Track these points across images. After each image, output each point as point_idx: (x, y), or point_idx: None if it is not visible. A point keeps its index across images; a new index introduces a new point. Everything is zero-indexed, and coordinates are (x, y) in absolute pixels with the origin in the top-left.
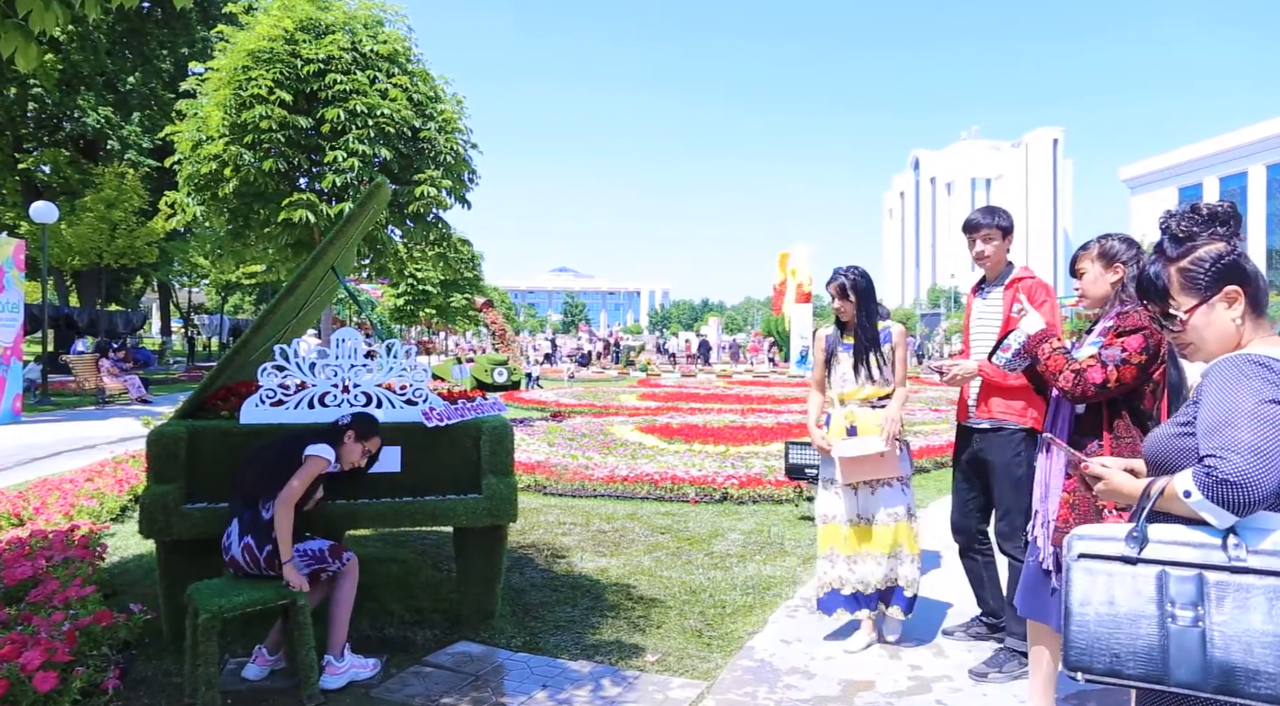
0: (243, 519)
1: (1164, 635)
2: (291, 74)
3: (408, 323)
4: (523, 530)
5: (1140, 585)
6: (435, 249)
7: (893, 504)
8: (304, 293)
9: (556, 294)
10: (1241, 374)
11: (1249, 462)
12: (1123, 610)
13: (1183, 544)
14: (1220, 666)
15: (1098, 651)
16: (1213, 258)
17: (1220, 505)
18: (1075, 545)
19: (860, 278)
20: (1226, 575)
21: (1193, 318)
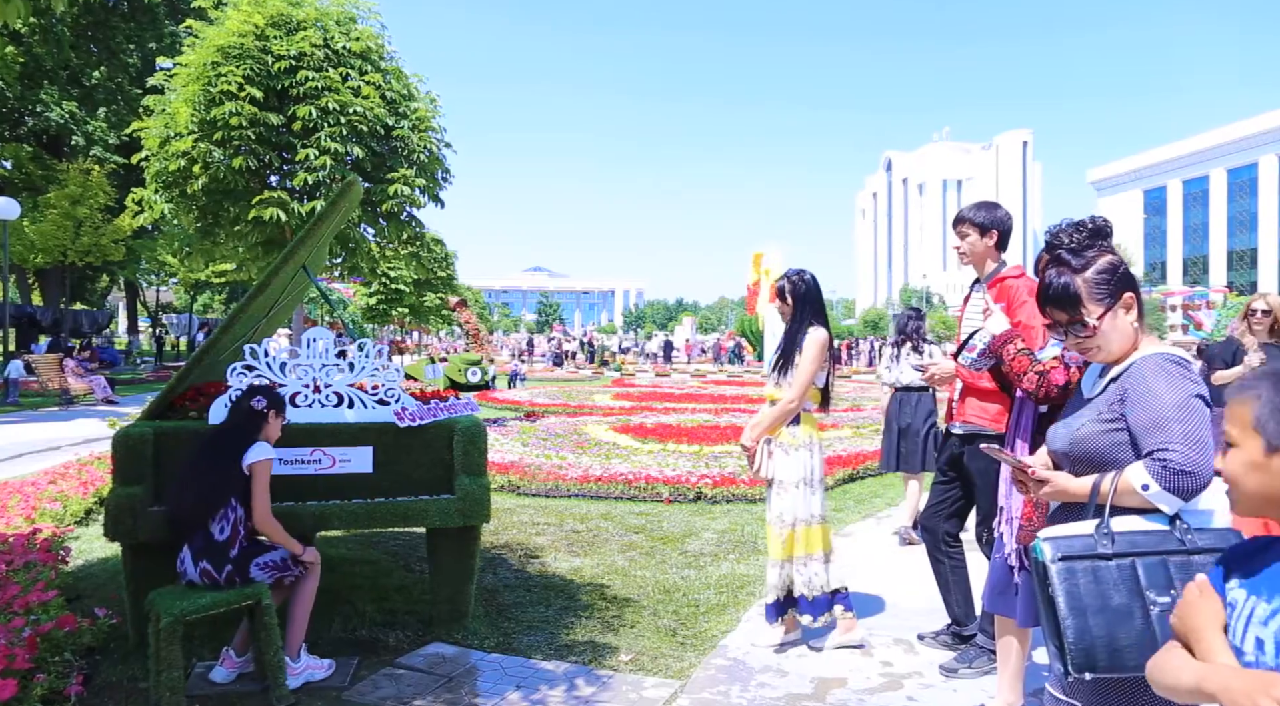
0: (194, 545)
1: (1149, 623)
2: (262, 70)
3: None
4: (496, 530)
5: (1121, 578)
6: (408, 248)
7: (772, 508)
8: (275, 291)
9: (531, 293)
10: (1165, 373)
11: (1195, 451)
12: (1114, 605)
13: (1144, 533)
14: None
15: (1099, 649)
16: (1113, 268)
17: (1175, 493)
18: (1049, 548)
19: (801, 283)
20: (1183, 557)
21: (1103, 323)
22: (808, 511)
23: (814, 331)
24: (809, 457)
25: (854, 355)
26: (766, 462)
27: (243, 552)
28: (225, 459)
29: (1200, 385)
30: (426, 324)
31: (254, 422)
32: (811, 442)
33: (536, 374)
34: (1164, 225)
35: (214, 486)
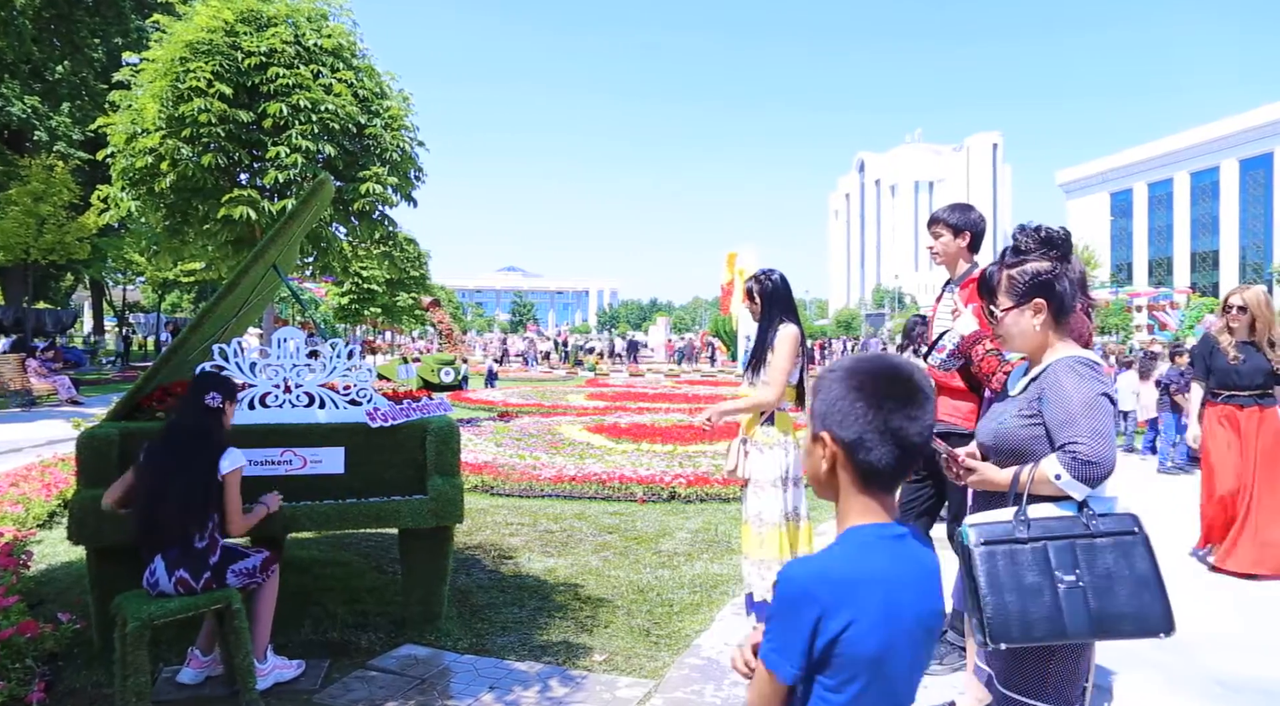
0: (169, 556)
1: (1056, 598)
2: (232, 67)
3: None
4: (469, 531)
5: (1033, 560)
6: (381, 247)
7: (750, 508)
8: (244, 291)
9: (505, 293)
10: (1075, 373)
11: (1098, 444)
12: (1027, 584)
13: (1056, 519)
14: (1099, 614)
15: (1013, 623)
16: (1031, 273)
17: (1083, 481)
18: (974, 534)
19: (769, 282)
20: (1088, 540)
21: (1006, 317)
22: (787, 509)
23: (785, 328)
24: (784, 456)
25: (827, 354)
26: (742, 462)
27: (222, 559)
28: (200, 469)
29: (1107, 384)
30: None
31: (216, 420)
32: (786, 441)
33: (510, 374)
34: (1130, 227)
35: (197, 501)
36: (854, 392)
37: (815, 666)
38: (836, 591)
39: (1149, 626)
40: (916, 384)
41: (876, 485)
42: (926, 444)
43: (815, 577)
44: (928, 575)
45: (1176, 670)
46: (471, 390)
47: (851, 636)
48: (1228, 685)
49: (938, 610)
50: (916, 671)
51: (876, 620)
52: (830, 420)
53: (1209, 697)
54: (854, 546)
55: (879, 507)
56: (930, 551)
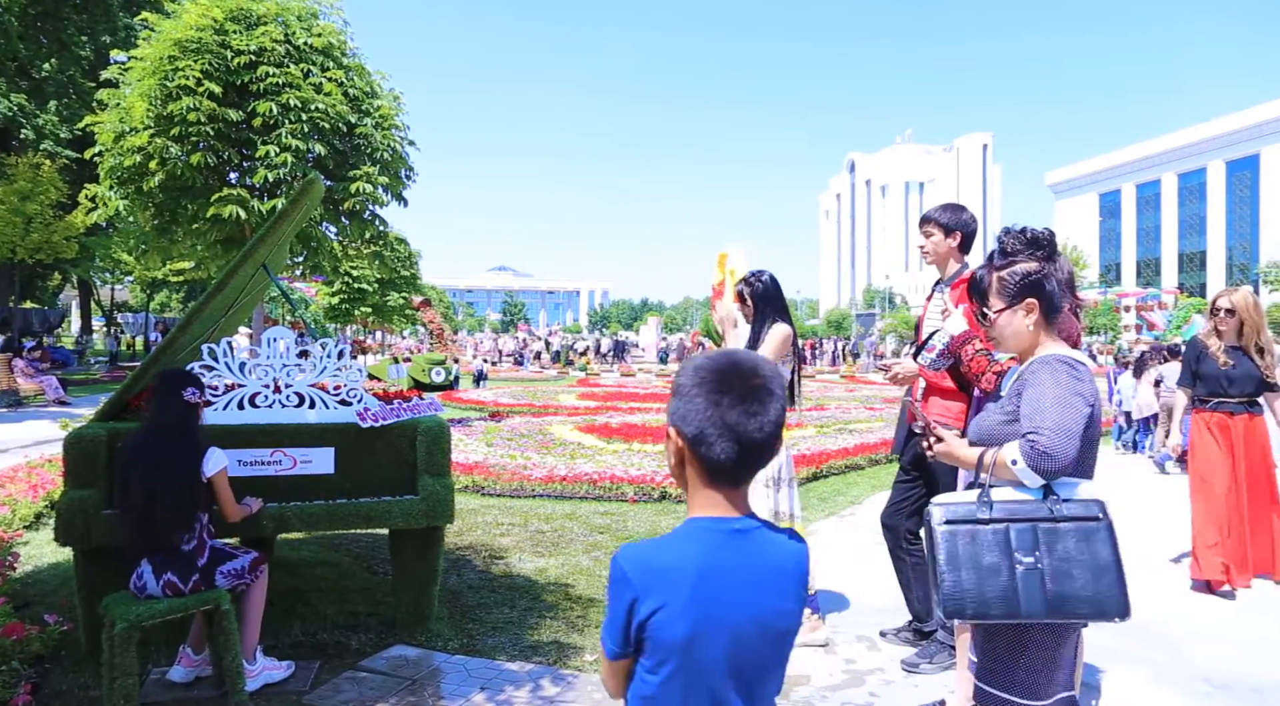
0: (155, 559)
1: (1013, 578)
2: (221, 65)
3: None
4: (460, 531)
5: (995, 540)
6: (371, 247)
7: None
8: (234, 290)
9: (495, 293)
10: (1052, 371)
11: (1058, 438)
12: (985, 563)
13: (1018, 503)
14: (1055, 596)
15: (969, 600)
16: (1022, 274)
17: (1036, 471)
18: (937, 513)
19: (760, 284)
20: (1051, 524)
21: (999, 318)
22: (777, 508)
23: (777, 326)
24: (776, 457)
25: (818, 355)
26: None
27: (210, 560)
28: (184, 471)
29: (1085, 384)
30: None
31: (195, 417)
32: None
33: (500, 374)
34: (1119, 227)
35: (184, 504)
36: (695, 389)
37: (637, 646)
38: (649, 577)
39: (1104, 610)
40: (758, 381)
41: (720, 479)
42: (769, 440)
43: (634, 563)
44: (769, 571)
45: (1164, 667)
46: (462, 390)
47: (659, 621)
48: (1214, 681)
49: (775, 607)
50: (751, 666)
51: (684, 607)
52: (676, 415)
53: (1196, 695)
54: (680, 536)
55: (723, 501)
56: (788, 550)
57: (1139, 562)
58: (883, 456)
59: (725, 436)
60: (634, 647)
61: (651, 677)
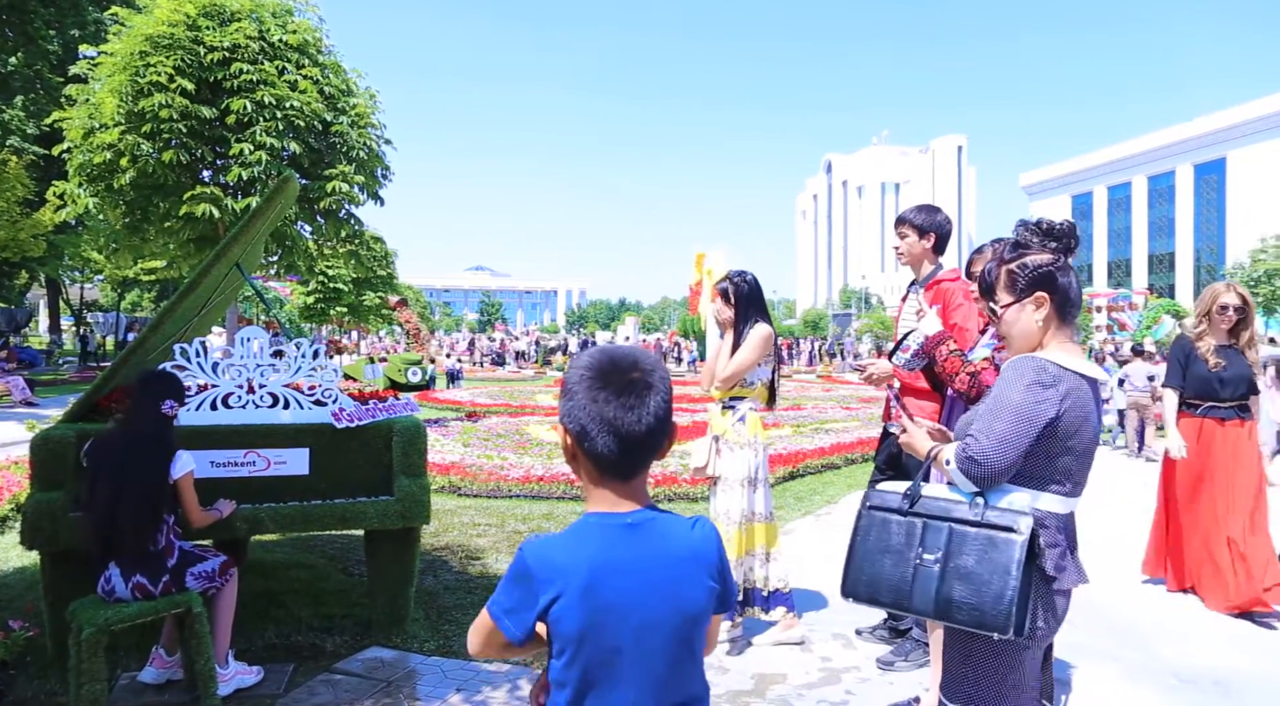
0: (123, 563)
1: (912, 573)
2: (194, 62)
3: (319, 321)
4: (436, 532)
5: (907, 533)
6: (347, 246)
7: (718, 506)
8: (207, 289)
9: (473, 293)
10: (1019, 375)
11: (993, 448)
12: (889, 551)
13: (943, 501)
14: (944, 598)
15: (863, 582)
16: (1032, 265)
17: (965, 475)
18: (870, 497)
19: (744, 284)
20: (967, 527)
21: (1006, 313)
22: (752, 509)
23: (759, 326)
24: (753, 456)
25: (794, 355)
26: (713, 460)
27: (179, 561)
28: (155, 474)
29: (1048, 391)
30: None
31: (170, 426)
32: (756, 441)
33: (477, 374)
34: (1090, 229)
35: (148, 510)
36: (577, 386)
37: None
38: (546, 570)
39: (984, 621)
40: (636, 375)
41: (609, 474)
42: (651, 435)
43: (535, 555)
44: (667, 560)
45: (1134, 663)
46: (439, 390)
47: (556, 612)
48: (1181, 676)
49: (677, 595)
50: (659, 654)
51: (576, 602)
52: (562, 413)
53: (1164, 689)
54: (573, 533)
55: (614, 496)
56: (688, 538)
57: (1107, 561)
58: (859, 456)
59: (605, 431)
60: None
61: (556, 662)
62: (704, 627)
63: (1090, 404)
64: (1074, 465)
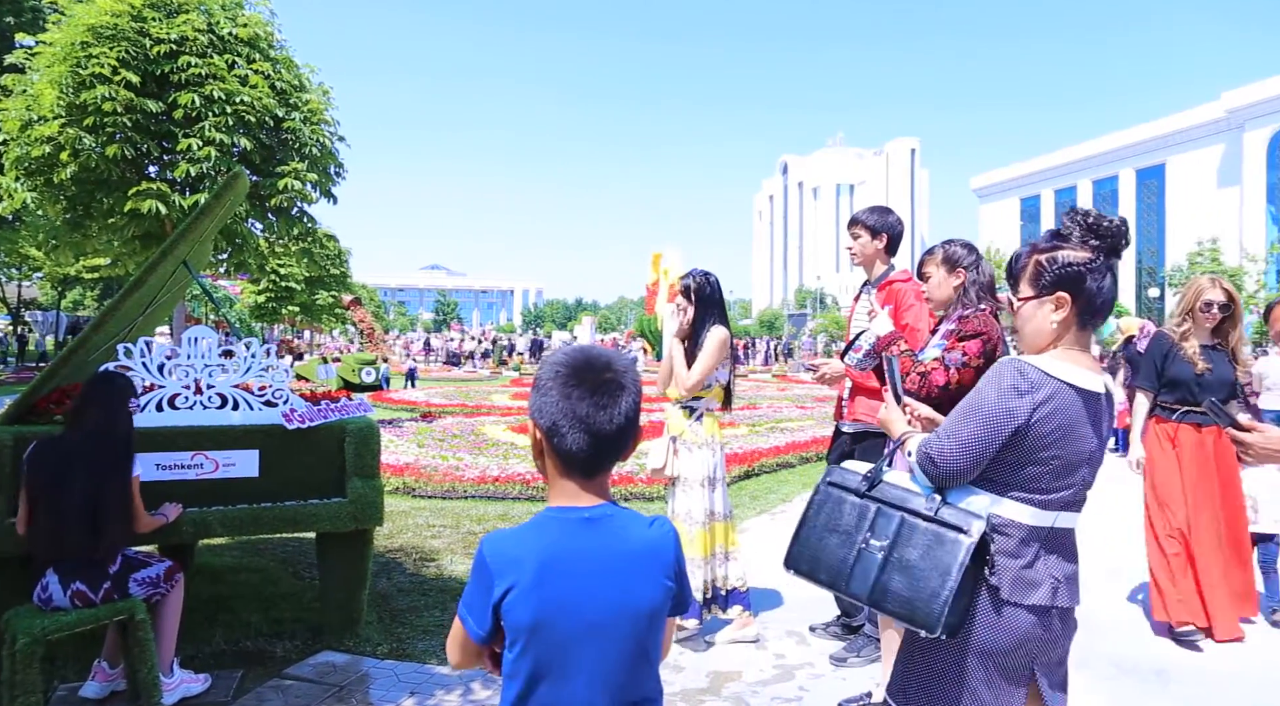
0: (62, 568)
1: (855, 557)
2: (139, 54)
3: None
4: (390, 534)
5: (859, 515)
6: (299, 244)
7: (678, 506)
8: (152, 288)
9: (428, 292)
10: (999, 378)
11: (953, 450)
12: (837, 530)
13: (902, 490)
14: (881, 586)
15: (804, 557)
16: (1062, 262)
17: (921, 470)
18: (832, 473)
19: (706, 284)
20: (918, 520)
21: (1023, 307)
22: (712, 508)
23: (716, 329)
24: (710, 456)
25: (750, 354)
26: (671, 461)
27: (122, 568)
28: (119, 475)
29: (1023, 399)
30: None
31: (129, 424)
32: (713, 441)
33: (433, 374)
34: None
35: (128, 508)
36: (550, 382)
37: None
38: (501, 562)
39: (913, 616)
40: (610, 376)
41: (574, 470)
42: (621, 434)
43: (492, 548)
44: (623, 556)
45: (1079, 652)
46: (393, 390)
47: (508, 604)
48: (1123, 666)
49: (631, 590)
50: (612, 649)
51: (528, 593)
52: (533, 408)
53: (1104, 677)
54: (531, 526)
55: (578, 491)
56: (646, 535)
57: None
58: (813, 455)
59: (577, 428)
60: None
61: (508, 655)
62: (659, 627)
63: (1076, 416)
64: (1044, 476)
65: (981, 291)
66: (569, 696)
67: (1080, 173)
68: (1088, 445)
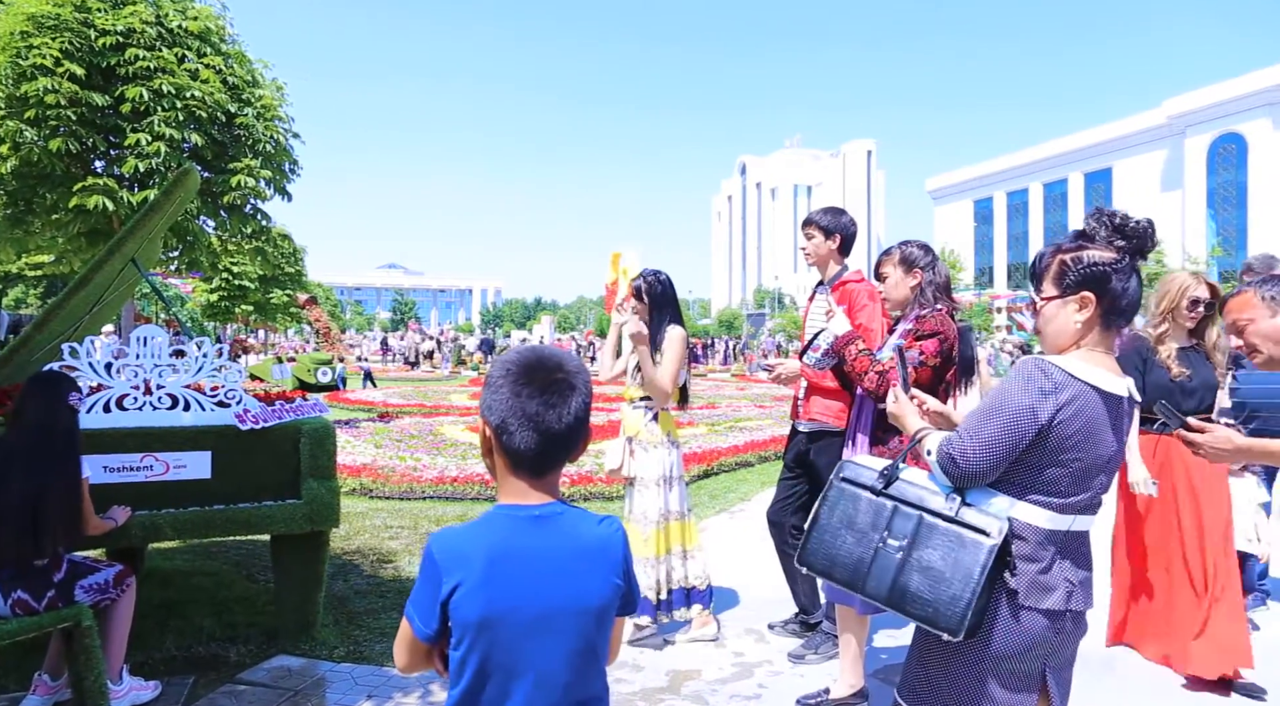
0: (2, 577)
1: (873, 556)
2: (84, 45)
3: (223, 320)
4: (347, 535)
5: (875, 513)
6: (253, 242)
7: (635, 506)
8: (99, 286)
9: (385, 291)
10: (1026, 377)
11: (976, 449)
12: (853, 528)
13: (921, 488)
14: (900, 587)
15: (819, 556)
16: (1087, 262)
17: (942, 470)
18: (845, 469)
19: (658, 284)
20: (938, 520)
21: (1046, 308)
22: (668, 507)
23: (673, 329)
24: (667, 455)
25: (709, 354)
26: (628, 461)
27: (68, 575)
28: (61, 476)
29: (1048, 399)
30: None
31: (73, 419)
32: (669, 440)
33: (390, 374)
34: (991, 233)
35: (76, 508)
36: (501, 380)
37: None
38: (450, 559)
39: (935, 620)
40: (560, 375)
41: (522, 468)
42: (570, 433)
43: (440, 546)
44: (571, 554)
45: None
46: (350, 390)
47: (456, 600)
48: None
49: (580, 588)
50: (559, 646)
51: (475, 590)
52: (484, 405)
53: None
54: (480, 523)
55: (527, 489)
56: (596, 533)
57: None
58: (772, 454)
59: (526, 426)
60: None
61: (454, 653)
62: (607, 626)
63: (1098, 419)
64: (1064, 479)
65: (937, 291)
66: (516, 694)
67: (1031, 176)
68: (1108, 449)
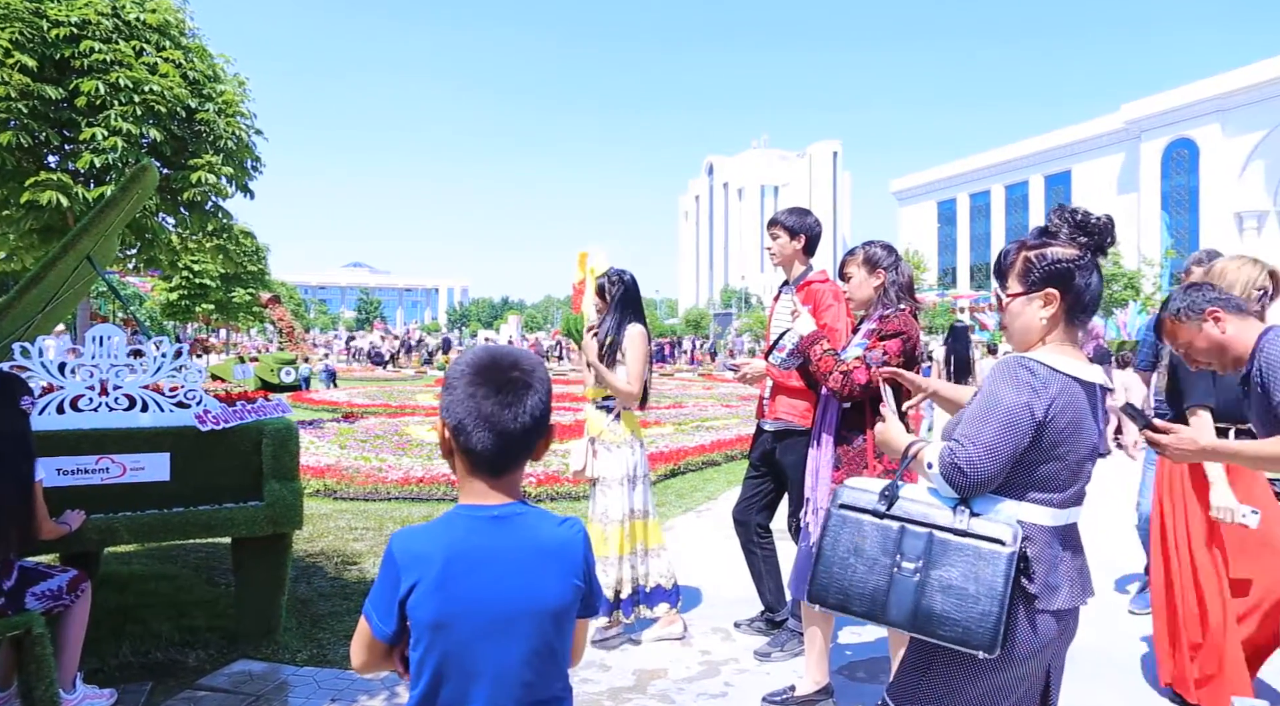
0: None
1: (889, 582)
2: (36, 36)
3: (183, 319)
4: (310, 537)
5: (882, 537)
6: (214, 240)
7: (596, 506)
8: (52, 284)
9: (350, 290)
10: (1011, 375)
11: (980, 456)
12: (862, 556)
13: (925, 504)
14: (924, 611)
15: (833, 589)
16: (1051, 259)
17: (947, 482)
18: (841, 494)
19: (620, 283)
20: (950, 536)
21: (1011, 304)
22: (632, 506)
23: (632, 327)
24: (630, 455)
25: (677, 353)
26: (591, 462)
27: (18, 582)
28: (24, 480)
29: (1039, 397)
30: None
31: (29, 426)
32: (633, 440)
33: (355, 373)
34: (954, 234)
35: (27, 512)
36: (458, 381)
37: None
38: (407, 559)
39: (968, 639)
40: (516, 374)
41: (481, 469)
42: (527, 433)
43: (399, 546)
44: (531, 554)
45: None
46: (314, 391)
47: (414, 601)
48: None
49: (539, 588)
50: (517, 646)
51: (432, 590)
52: (442, 407)
53: None
54: (439, 523)
55: (486, 489)
56: (556, 534)
57: None
58: (738, 453)
59: (482, 427)
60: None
61: (414, 653)
62: (566, 628)
63: (1083, 409)
64: (1061, 473)
65: (901, 291)
66: (475, 695)
67: (993, 178)
68: (1092, 437)
